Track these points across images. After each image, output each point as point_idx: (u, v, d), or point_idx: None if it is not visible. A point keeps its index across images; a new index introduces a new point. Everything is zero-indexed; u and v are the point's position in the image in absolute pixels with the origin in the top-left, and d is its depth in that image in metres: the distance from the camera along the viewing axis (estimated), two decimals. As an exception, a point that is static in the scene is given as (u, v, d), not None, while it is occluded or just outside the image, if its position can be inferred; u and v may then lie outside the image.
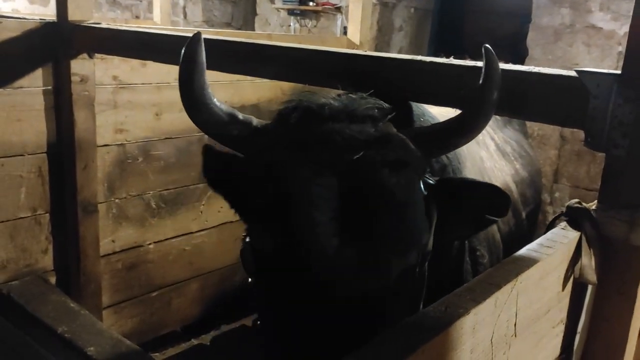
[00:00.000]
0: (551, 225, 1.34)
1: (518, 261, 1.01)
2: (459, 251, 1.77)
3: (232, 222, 3.58)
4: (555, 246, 1.10)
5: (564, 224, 1.26)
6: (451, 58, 1.59)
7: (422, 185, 1.29)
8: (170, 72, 3.04)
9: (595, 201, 1.25)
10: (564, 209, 1.31)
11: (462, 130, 1.33)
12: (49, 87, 2.67)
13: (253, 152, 1.32)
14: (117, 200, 2.99)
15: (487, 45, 1.27)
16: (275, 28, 6.41)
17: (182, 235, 3.35)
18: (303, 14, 5.97)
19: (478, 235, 1.89)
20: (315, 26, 6.01)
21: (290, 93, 3.70)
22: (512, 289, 0.92)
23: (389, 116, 1.32)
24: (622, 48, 3.99)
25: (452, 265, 1.72)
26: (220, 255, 3.59)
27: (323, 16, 5.95)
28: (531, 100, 1.27)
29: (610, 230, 1.20)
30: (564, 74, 1.22)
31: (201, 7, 7.24)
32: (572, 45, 4.18)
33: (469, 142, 1.37)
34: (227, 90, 3.30)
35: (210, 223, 3.49)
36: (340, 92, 1.45)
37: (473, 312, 0.83)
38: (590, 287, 1.23)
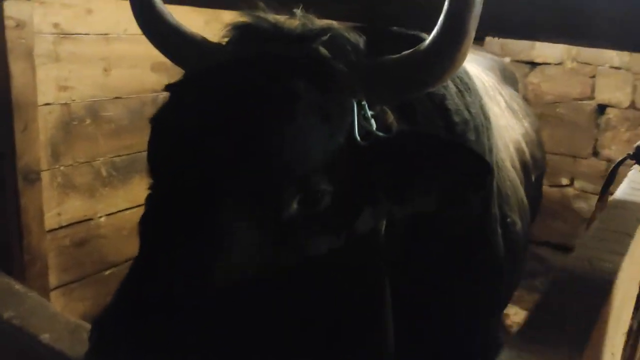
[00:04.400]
0: (616, 168, 1.16)
1: (623, 206, 0.83)
2: (484, 220, 1.57)
3: (190, 191, 3.30)
4: (650, 186, 0.92)
5: (635, 166, 1.09)
6: None
7: (355, 133, 1.06)
8: (119, 22, 2.70)
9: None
10: (630, 152, 1.13)
11: (430, 59, 1.06)
12: (-22, 34, 2.27)
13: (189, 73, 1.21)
14: (62, 168, 2.64)
15: None
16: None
17: (137, 206, 3.02)
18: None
19: (509, 200, 1.71)
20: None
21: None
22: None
23: (324, 38, 1.13)
24: None
25: (478, 237, 1.52)
26: (178, 228, 3.29)
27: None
28: (599, 23, 1.07)
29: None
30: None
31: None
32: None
33: (443, 77, 1.11)
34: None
35: (167, 193, 3.18)
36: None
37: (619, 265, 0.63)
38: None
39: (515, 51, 4.29)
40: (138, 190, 3.00)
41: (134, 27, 2.72)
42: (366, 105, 1.09)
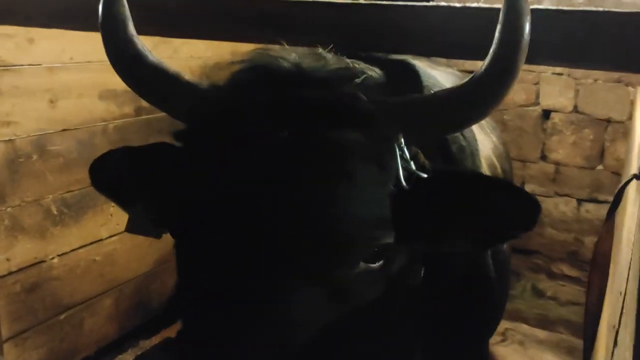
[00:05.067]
0: (622, 190, 1.15)
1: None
2: None
3: (146, 223, 3.14)
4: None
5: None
6: None
7: (401, 178, 1.00)
8: (64, 50, 2.54)
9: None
10: (636, 172, 1.12)
11: (477, 95, 1.01)
12: None
13: (196, 122, 1.09)
14: (9, 209, 2.45)
15: None
16: None
17: (91, 243, 2.86)
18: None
19: None
20: None
21: (201, 73, 3.16)
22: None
23: (357, 80, 1.06)
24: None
25: (470, 259, 1.48)
26: (135, 262, 3.15)
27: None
28: (601, 46, 1.06)
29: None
30: (645, 9, 1.03)
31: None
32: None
33: (486, 115, 1.07)
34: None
35: (122, 227, 2.97)
36: (305, 49, 1.16)
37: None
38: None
39: (461, 61, 4.36)
40: (92, 226, 2.84)
41: (79, 55, 2.61)
42: (405, 147, 1.02)
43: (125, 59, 1.17)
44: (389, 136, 1.01)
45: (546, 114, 4.19)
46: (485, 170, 2.00)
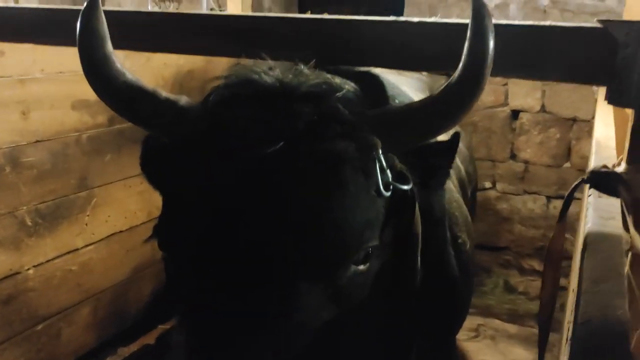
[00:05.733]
0: (572, 194, 1.22)
1: (605, 240, 0.87)
2: (442, 243, 1.61)
3: (121, 231, 3.17)
4: (617, 217, 0.98)
5: (592, 191, 1.15)
6: None
7: (380, 186, 1.07)
8: (35, 62, 2.55)
9: (621, 163, 1.16)
10: (584, 177, 1.20)
11: (450, 104, 1.09)
12: None
13: (174, 140, 1.12)
14: (-18, 222, 2.44)
15: None
16: (128, 13, 5.83)
17: (66, 253, 2.86)
18: (162, -4, 5.48)
19: (457, 221, 1.76)
20: (177, 9, 5.55)
21: (174, 81, 3.23)
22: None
23: (338, 94, 1.10)
24: (494, 20, 4.14)
25: (436, 259, 1.55)
26: (112, 270, 3.15)
27: (185, -2, 5.52)
28: (549, 59, 1.14)
29: (645, 192, 1.11)
30: (587, 26, 1.11)
31: (35, -9, 6.36)
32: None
33: (457, 123, 1.15)
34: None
35: (98, 236, 3.03)
36: (284, 64, 1.21)
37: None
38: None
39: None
40: (67, 236, 2.84)
41: (51, 66, 2.62)
42: (382, 156, 1.08)
43: (102, 77, 1.18)
44: (371, 146, 1.07)
45: (515, 114, 4.30)
46: (450, 172, 2.08)
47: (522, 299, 4.09)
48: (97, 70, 1.18)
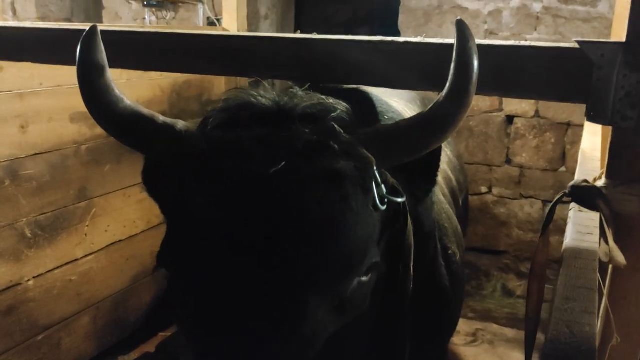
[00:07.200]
0: (554, 207, 1.25)
1: (581, 256, 0.90)
2: (433, 255, 1.65)
3: (121, 241, 3.21)
4: (594, 232, 1.01)
5: (573, 205, 1.18)
6: None
7: (377, 200, 1.11)
8: (34, 76, 2.58)
9: (602, 177, 1.19)
10: (566, 191, 1.23)
11: (438, 122, 1.13)
12: None
13: (173, 162, 1.14)
14: (-17, 235, 2.47)
15: (460, 18, 1.15)
16: (127, 22, 5.85)
17: (66, 264, 2.90)
18: (160, 5, 5.52)
19: (447, 232, 1.79)
20: (174, 18, 5.59)
21: (171, 91, 3.29)
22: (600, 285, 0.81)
23: (333, 114, 1.15)
24: (487, 26, 4.20)
25: (427, 271, 1.58)
26: (111, 280, 3.19)
27: (182, 7, 5.55)
28: (527, 77, 1.17)
29: (623, 206, 1.14)
30: (564, 46, 1.14)
31: (34, 1, 6.40)
32: (442, 26, 4.32)
33: (446, 139, 1.20)
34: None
35: (97, 246, 3.06)
36: (279, 86, 1.25)
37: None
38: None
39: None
40: (66, 247, 2.88)
41: (49, 80, 2.66)
42: (376, 172, 1.12)
43: (102, 106, 1.20)
44: (368, 163, 1.10)
45: (510, 119, 4.33)
46: (441, 182, 2.11)
47: (520, 303, 4.11)
48: (96, 100, 1.21)
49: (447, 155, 2.36)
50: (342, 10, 6.31)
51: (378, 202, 1.11)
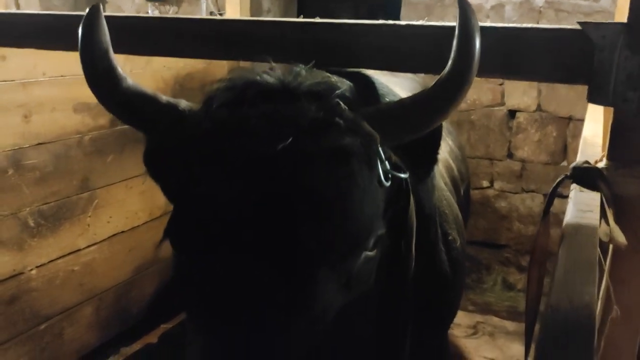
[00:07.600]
0: (555, 189, 1.26)
1: (581, 231, 0.91)
2: (433, 239, 1.65)
3: (123, 232, 3.22)
4: (595, 210, 1.02)
5: (574, 185, 1.19)
6: None
7: (381, 177, 1.12)
8: (37, 66, 2.59)
9: (603, 159, 1.20)
10: (567, 173, 1.23)
11: (440, 100, 1.15)
12: None
13: (177, 142, 1.13)
14: (-14, 224, 2.48)
15: None
16: (129, 16, 5.87)
17: (69, 254, 2.91)
18: (163, 0, 5.53)
19: (447, 218, 1.80)
20: (177, 12, 5.60)
21: (174, 83, 3.30)
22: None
23: (337, 92, 1.15)
24: (489, 20, 4.20)
25: (428, 256, 1.59)
26: (114, 270, 3.20)
27: (185, 1, 5.56)
28: (529, 59, 1.18)
29: (624, 188, 1.15)
30: (566, 28, 1.15)
31: (37, -4, 6.41)
32: (443, 19, 4.31)
33: (447, 117, 1.21)
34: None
35: (100, 236, 3.07)
36: (283, 66, 1.25)
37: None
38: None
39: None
40: (69, 236, 2.89)
41: (52, 70, 2.67)
42: (380, 149, 1.13)
43: (105, 87, 1.21)
44: (373, 140, 1.11)
45: (511, 113, 4.33)
46: (442, 170, 2.12)
47: (520, 296, 4.12)
48: (100, 80, 1.21)
49: (448, 144, 2.37)
50: (344, 4, 6.32)
51: (382, 178, 1.12)
